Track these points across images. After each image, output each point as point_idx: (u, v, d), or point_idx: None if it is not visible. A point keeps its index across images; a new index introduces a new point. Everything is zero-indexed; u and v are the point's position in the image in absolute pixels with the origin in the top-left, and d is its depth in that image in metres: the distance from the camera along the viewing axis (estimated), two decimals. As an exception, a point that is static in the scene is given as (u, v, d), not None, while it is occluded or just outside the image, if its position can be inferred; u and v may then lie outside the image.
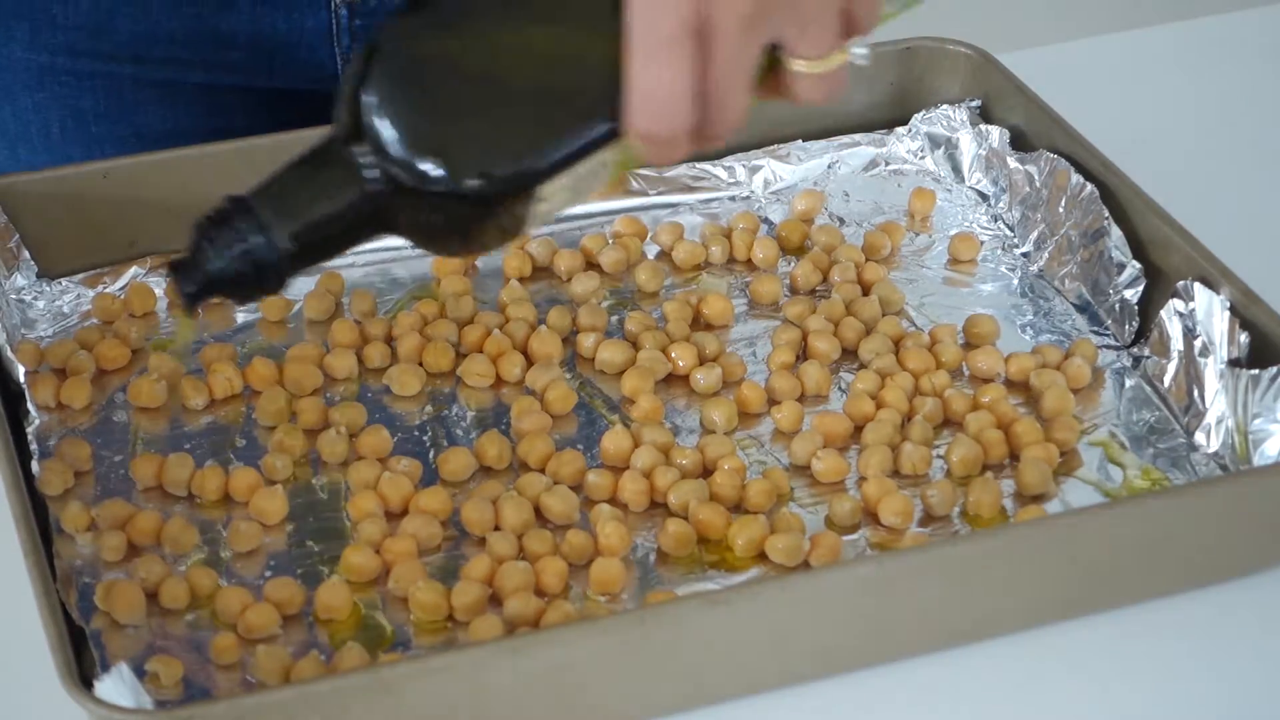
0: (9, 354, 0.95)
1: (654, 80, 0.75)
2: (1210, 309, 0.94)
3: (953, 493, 0.90)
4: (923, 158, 1.14)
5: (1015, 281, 1.06)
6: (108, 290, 1.02)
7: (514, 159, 0.76)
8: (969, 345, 1.01)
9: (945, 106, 1.13)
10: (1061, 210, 1.05)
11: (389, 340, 1.00)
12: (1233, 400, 0.93)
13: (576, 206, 1.00)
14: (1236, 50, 1.31)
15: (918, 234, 1.09)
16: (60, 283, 1.02)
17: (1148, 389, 0.97)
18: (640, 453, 0.92)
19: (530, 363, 0.99)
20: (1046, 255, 1.06)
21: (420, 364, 0.98)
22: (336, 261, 1.04)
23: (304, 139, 1.05)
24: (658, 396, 0.96)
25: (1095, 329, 1.01)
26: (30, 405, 0.94)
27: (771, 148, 1.12)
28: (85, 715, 0.75)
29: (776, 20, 0.76)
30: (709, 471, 0.92)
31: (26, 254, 1.01)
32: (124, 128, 1.14)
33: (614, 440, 0.93)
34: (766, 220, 1.10)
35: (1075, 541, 0.84)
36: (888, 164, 1.14)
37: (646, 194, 1.10)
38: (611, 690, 0.81)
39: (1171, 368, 0.96)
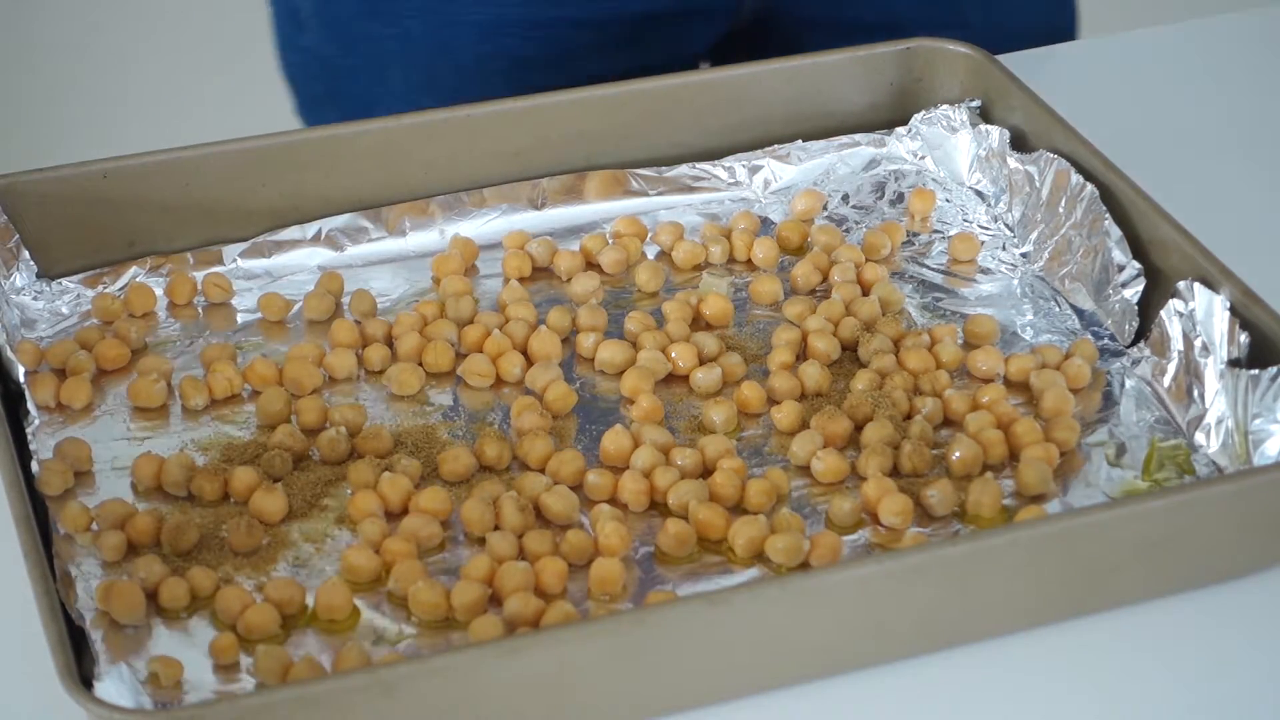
0: (9, 354, 0.95)
1: None
2: (1210, 309, 0.94)
3: (953, 493, 0.90)
4: (923, 158, 1.13)
5: (1015, 281, 1.06)
6: (107, 290, 1.03)
7: None
8: (969, 345, 1.01)
9: (945, 106, 1.13)
10: (1061, 210, 1.05)
11: (389, 340, 1.00)
12: (1233, 400, 0.93)
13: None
14: (1236, 50, 1.31)
15: (918, 234, 1.09)
16: (60, 283, 1.02)
17: (1148, 389, 0.97)
18: (640, 453, 0.92)
19: (530, 363, 0.99)
20: (1046, 255, 1.06)
21: (420, 364, 0.98)
22: (337, 261, 1.05)
23: (306, 139, 1.06)
24: (658, 396, 0.96)
25: (1095, 329, 1.01)
26: (30, 405, 0.94)
27: (771, 148, 1.12)
28: (85, 715, 0.75)
29: None
30: (709, 471, 0.92)
31: (26, 254, 1.01)
32: (562, 77, 1.16)
33: (614, 440, 0.93)
34: (766, 220, 1.10)
35: (1075, 541, 0.84)
36: (888, 164, 1.14)
37: (646, 194, 1.10)
38: (611, 690, 0.81)
39: (1171, 368, 0.96)
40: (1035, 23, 1.23)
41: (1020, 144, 1.10)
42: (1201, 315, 0.95)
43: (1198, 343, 0.95)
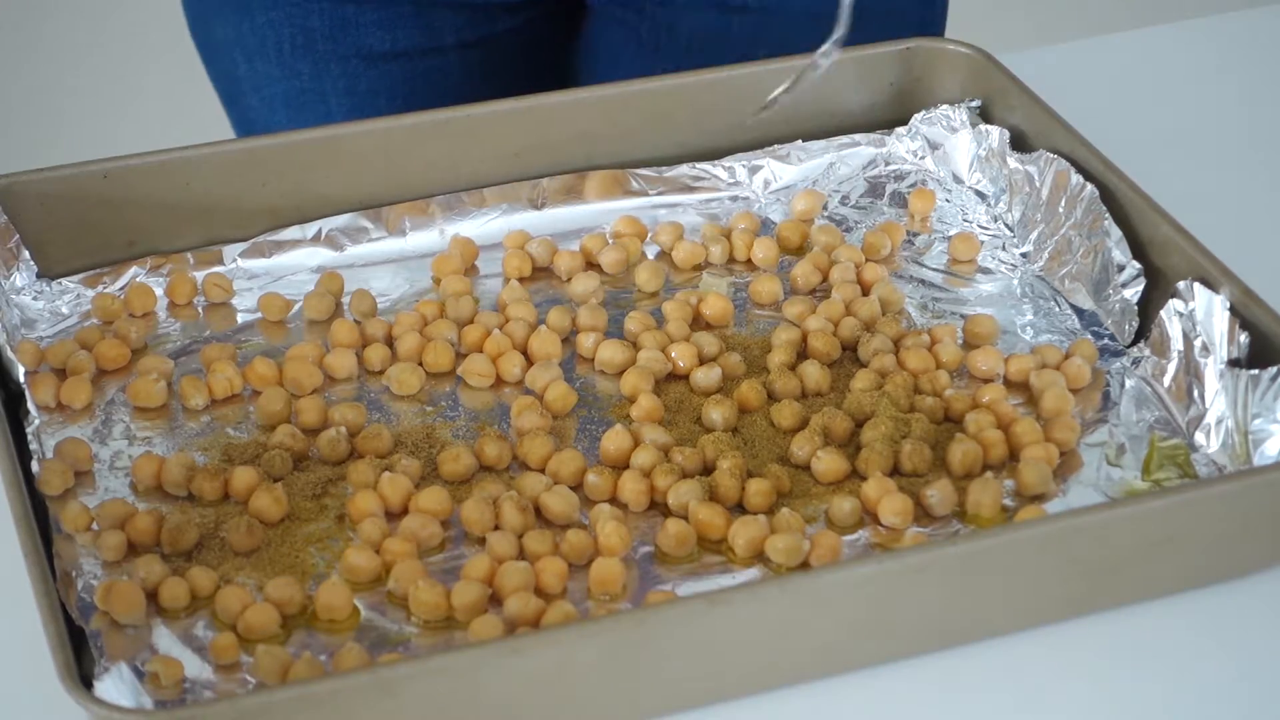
0: (9, 354, 0.95)
1: None
2: (1210, 309, 0.94)
3: (953, 493, 0.90)
4: (923, 158, 1.13)
5: (1015, 281, 1.06)
6: (107, 290, 1.03)
7: None
8: (969, 345, 1.01)
9: (945, 106, 1.13)
10: (1061, 210, 1.05)
11: (389, 340, 1.00)
12: (1233, 400, 0.93)
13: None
14: (1236, 50, 1.31)
15: (918, 234, 1.09)
16: (60, 283, 1.02)
17: (1148, 389, 0.97)
18: (640, 453, 0.92)
19: (530, 363, 0.99)
20: (1046, 255, 1.06)
21: (420, 364, 0.98)
22: (337, 261, 1.05)
23: (306, 139, 1.06)
24: (657, 396, 0.96)
25: (1095, 329, 1.01)
26: (30, 405, 0.94)
27: (771, 148, 1.12)
28: (85, 715, 0.75)
29: None
30: (709, 471, 0.92)
31: (26, 254, 1.01)
32: (347, 47, 1.21)
33: (614, 440, 0.93)
34: (767, 220, 1.10)
35: (1075, 541, 0.84)
36: (888, 164, 1.14)
37: (646, 194, 1.10)
38: (611, 690, 0.81)
39: (1171, 368, 0.96)
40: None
41: (1020, 144, 1.10)
42: (1201, 315, 0.95)
43: (1198, 343, 0.95)
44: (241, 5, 1.22)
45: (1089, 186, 1.03)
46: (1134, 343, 0.99)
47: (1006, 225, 1.09)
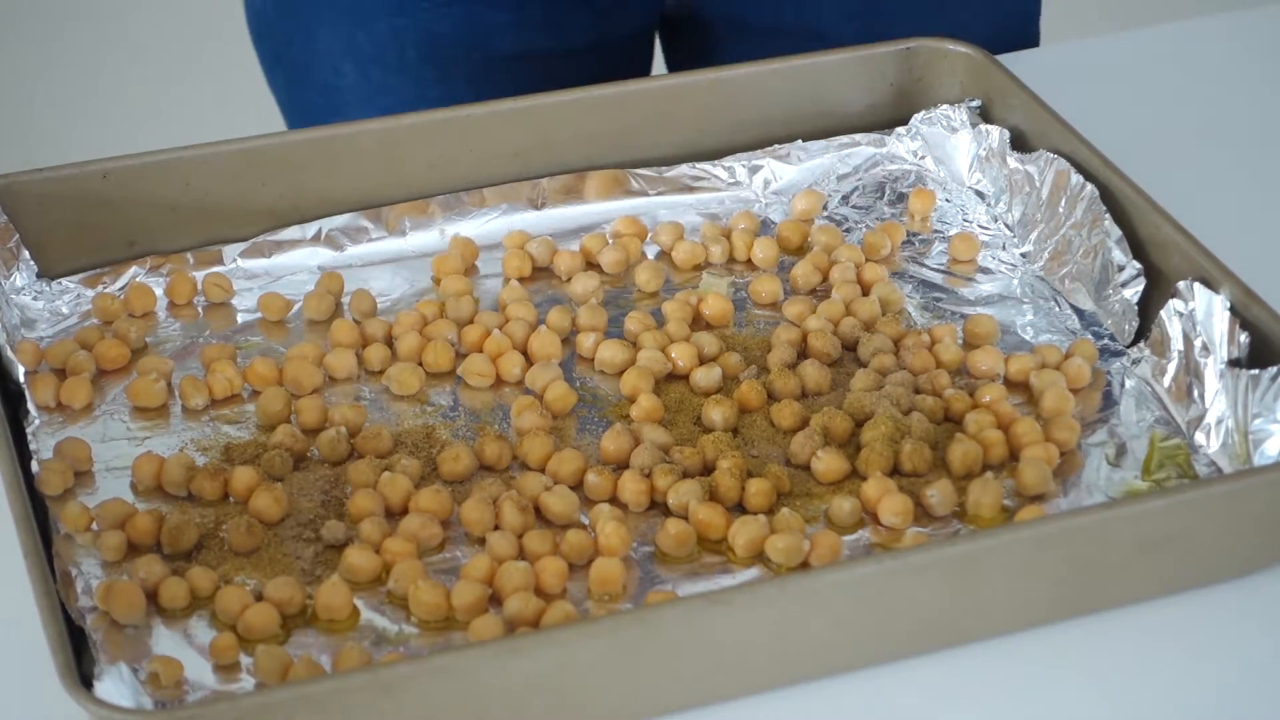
0: (9, 354, 0.95)
1: None
2: (1210, 309, 0.94)
3: (953, 493, 0.90)
4: (923, 158, 1.13)
5: (1015, 281, 1.06)
6: (107, 290, 1.03)
7: None
8: (969, 345, 1.01)
9: (945, 106, 1.13)
10: (1061, 210, 1.05)
11: (389, 340, 1.00)
12: (1233, 400, 0.93)
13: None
14: (1236, 50, 1.31)
15: (918, 234, 1.09)
16: (60, 283, 1.02)
17: (1148, 389, 0.97)
18: (640, 453, 0.92)
19: (530, 363, 0.99)
20: (1046, 255, 1.06)
21: (420, 364, 0.98)
22: (337, 261, 1.05)
23: (306, 139, 1.06)
24: (657, 396, 0.96)
25: (1095, 329, 1.01)
26: (30, 405, 0.94)
27: (771, 148, 1.12)
28: (85, 715, 0.75)
29: None
30: (709, 471, 0.92)
31: (26, 254, 1.02)
32: (475, 51, 1.19)
33: (614, 440, 0.93)
34: (766, 220, 1.10)
35: (1075, 541, 0.84)
36: (888, 164, 1.14)
37: (646, 194, 1.10)
38: (611, 690, 0.81)
39: (1171, 368, 0.96)
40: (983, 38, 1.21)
41: (1020, 144, 1.10)
42: (1201, 315, 0.95)
43: (1198, 343, 0.95)
44: (357, 14, 1.20)
45: (1089, 186, 1.03)
46: (1134, 343, 0.99)
47: (1006, 225, 1.09)
